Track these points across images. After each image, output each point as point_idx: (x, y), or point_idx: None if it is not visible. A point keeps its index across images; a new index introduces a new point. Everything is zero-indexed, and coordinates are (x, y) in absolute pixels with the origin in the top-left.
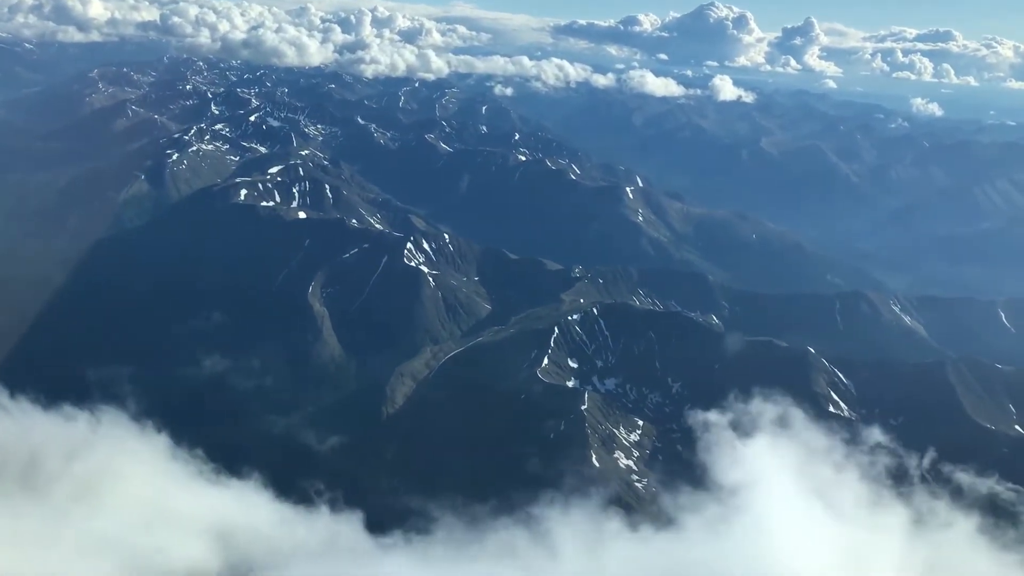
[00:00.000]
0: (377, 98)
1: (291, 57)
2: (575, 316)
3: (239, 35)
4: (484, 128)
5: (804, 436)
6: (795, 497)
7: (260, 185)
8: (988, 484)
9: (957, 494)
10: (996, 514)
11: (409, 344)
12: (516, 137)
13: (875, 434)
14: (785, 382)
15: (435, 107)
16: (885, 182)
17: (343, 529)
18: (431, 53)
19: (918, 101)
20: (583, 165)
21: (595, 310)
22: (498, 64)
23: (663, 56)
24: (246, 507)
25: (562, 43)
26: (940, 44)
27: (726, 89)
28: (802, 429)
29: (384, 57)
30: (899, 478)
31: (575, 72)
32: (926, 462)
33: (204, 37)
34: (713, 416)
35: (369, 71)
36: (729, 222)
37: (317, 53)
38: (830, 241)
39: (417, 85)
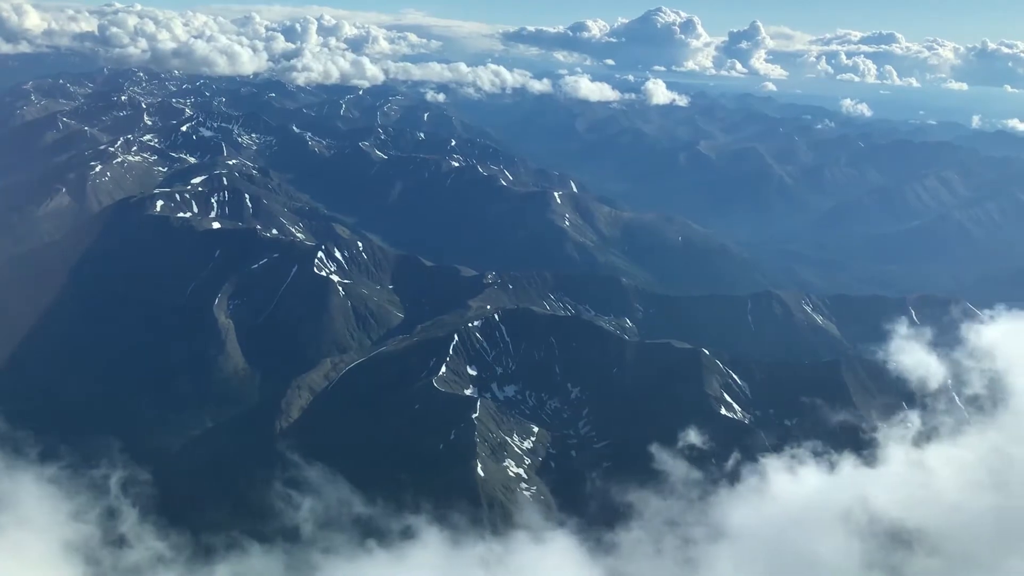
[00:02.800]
0: (318, 106)
1: (223, 66)
2: (476, 323)
3: (170, 45)
4: (422, 135)
5: None
6: None
7: (178, 196)
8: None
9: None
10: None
11: (316, 355)
12: (452, 143)
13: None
14: (679, 385)
15: (376, 115)
16: (819, 183)
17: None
18: (366, 60)
19: (847, 102)
20: (517, 171)
21: (496, 316)
22: (435, 71)
23: (610, 61)
24: None
25: (512, 49)
26: (884, 46)
27: (659, 93)
28: None
29: (317, 65)
30: None
31: (512, 78)
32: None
33: (134, 48)
34: None
35: (301, 79)
36: (655, 225)
37: (250, 62)
38: (763, 242)
39: (361, 93)
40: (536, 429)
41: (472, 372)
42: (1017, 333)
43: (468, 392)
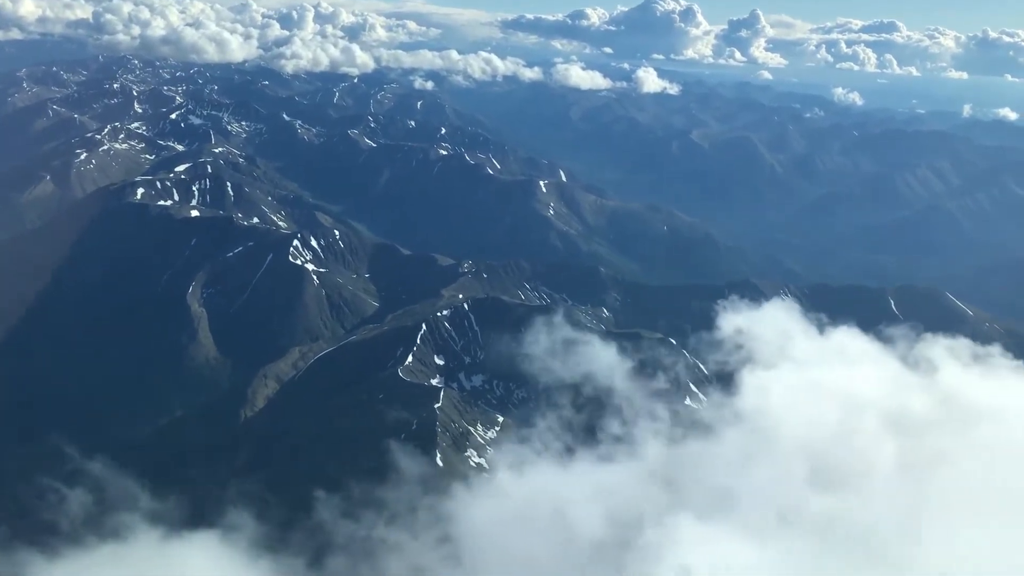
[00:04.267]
0: (311, 94)
1: (212, 54)
2: (445, 312)
3: (159, 32)
4: (412, 123)
5: None
6: None
7: (159, 184)
8: None
9: None
10: None
11: (288, 344)
12: (442, 132)
13: None
14: (648, 372)
15: (370, 103)
16: (811, 172)
17: None
18: (356, 48)
19: (839, 91)
20: (506, 160)
21: (466, 306)
22: (426, 58)
23: (608, 50)
24: None
25: (512, 37)
26: (884, 35)
27: (650, 81)
28: None
29: (307, 52)
30: None
31: (504, 66)
32: None
33: (123, 35)
34: None
35: (290, 66)
36: (641, 214)
37: (239, 49)
38: (751, 231)
39: (356, 81)
40: (501, 419)
41: (440, 361)
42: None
43: (434, 382)
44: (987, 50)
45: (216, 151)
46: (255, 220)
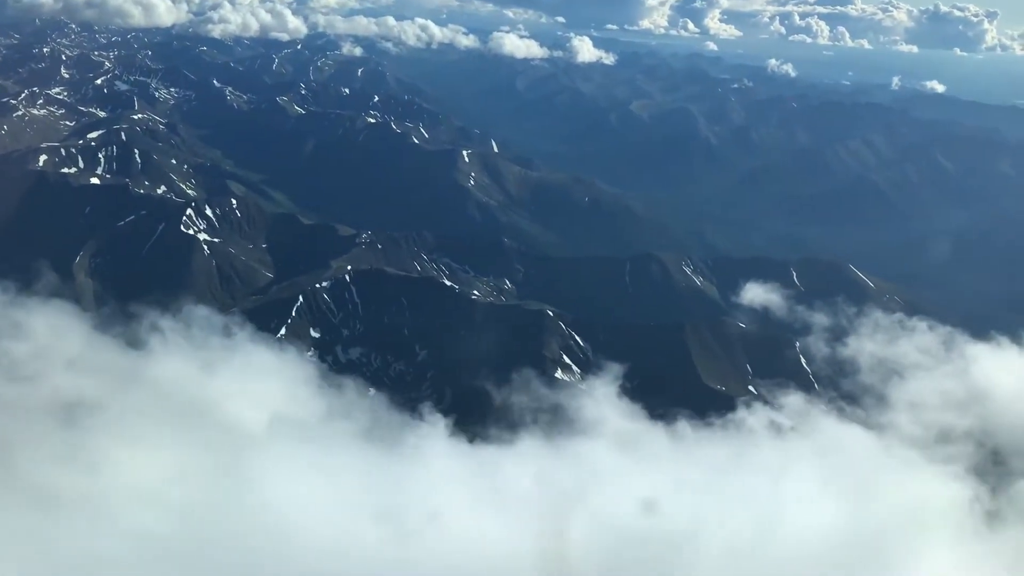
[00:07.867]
0: (250, 60)
1: (137, 18)
2: (324, 284)
3: None
4: (347, 91)
5: None
6: None
7: (63, 151)
8: None
9: None
10: None
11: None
12: (375, 100)
13: None
14: (520, 346)
15: (310, 70)
16: (746, 144)
17: None
18: (287, 12)
19: (772, 62)
20: (436, 129)
21: (347, 277)
22: (360, 24)
23: (561, 19)
24: None
25: (468, 5)
26: (839, 7)
27: (585, 50)
28: None
29: (236, 17)
30: None
31: (440, 33)
32: None
33: None
34: None
35: (217, 31)
36: (564, 186)
37: (167, 13)
38: (681, 203)
39: (299, 47)
40: (372, 391)
41: (315, 334)
42: None
43: (308, 355)
44: (938, 24)
45: (136, 118)
46: (161, 189)
